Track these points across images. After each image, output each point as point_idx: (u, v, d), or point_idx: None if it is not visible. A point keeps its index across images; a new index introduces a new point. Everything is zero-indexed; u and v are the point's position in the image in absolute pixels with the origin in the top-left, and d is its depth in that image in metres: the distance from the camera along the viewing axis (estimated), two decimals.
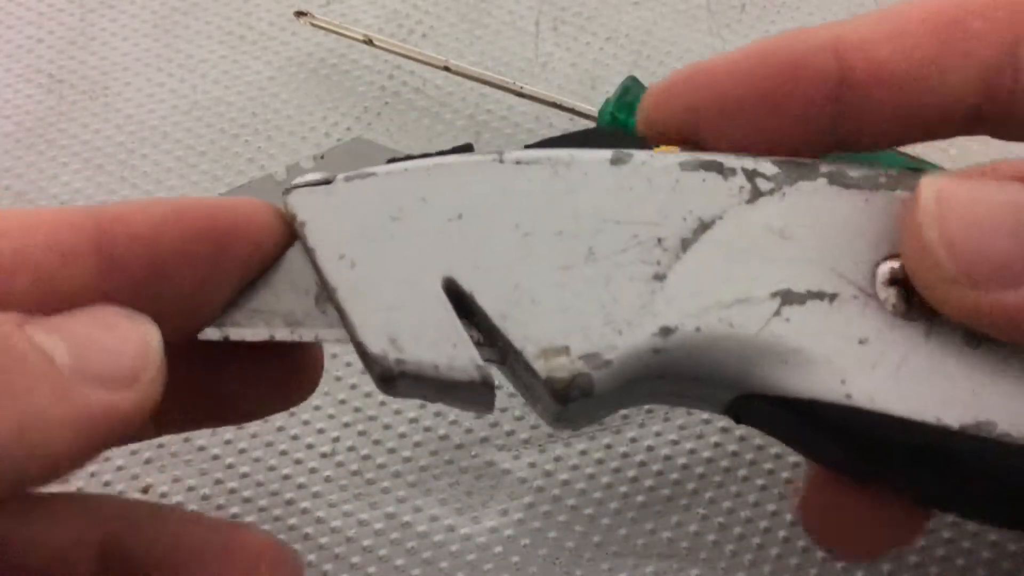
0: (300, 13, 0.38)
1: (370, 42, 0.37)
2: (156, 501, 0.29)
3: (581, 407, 0.21)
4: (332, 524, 0.29)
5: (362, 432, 0.31)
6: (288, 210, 0.22)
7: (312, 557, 0.28)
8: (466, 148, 0.23)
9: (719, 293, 0.21)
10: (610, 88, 0.36)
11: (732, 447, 0.30)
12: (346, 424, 0.31)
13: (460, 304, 0.22)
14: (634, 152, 0.23)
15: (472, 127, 0.37)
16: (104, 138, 0.37)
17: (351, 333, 0.21)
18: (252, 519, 0.29)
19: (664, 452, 0.30)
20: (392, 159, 0.23)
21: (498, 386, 0.22)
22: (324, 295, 0.22)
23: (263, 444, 0.30)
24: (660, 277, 0.22)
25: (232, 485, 0.30)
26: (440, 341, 0.21)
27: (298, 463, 0.30)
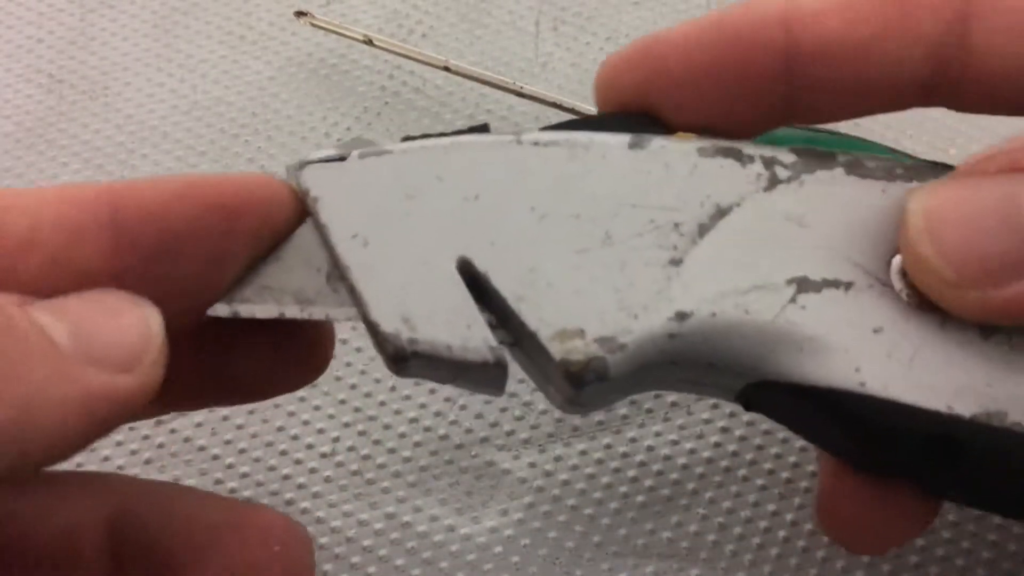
0: (300, 13, 0.38)
1: (370, 42, 0.37)
2: (168, 480, 0.29)
3: (595, 391, 0.21)
4: (332, 524, 0.29)
5: (362, 432, 0.31)
6: (301, 186, 0.22)
7: None
8: (483, 128, 0.23)
9: (735, 279, 0.21)
10: None
11: (732, 447, 0.30)
12: (346, 424, 0.31)
13: (474, 285, 0.21)
14: (652, 137, 0.22)
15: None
16: (104, 138, 0.37)
17: (363, 312, 0.21)
18: None
19: (664, 452, 0.30)
20: (407, 137, 0.23)
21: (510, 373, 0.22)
22: (336, 273, 0.22)
23: (263, 444, 0.30)
24: (676, 262, 0.22)
25: (232, 485, 0.30)
26: (454, 321, 0.21)
27: (298, 463, 0.30)
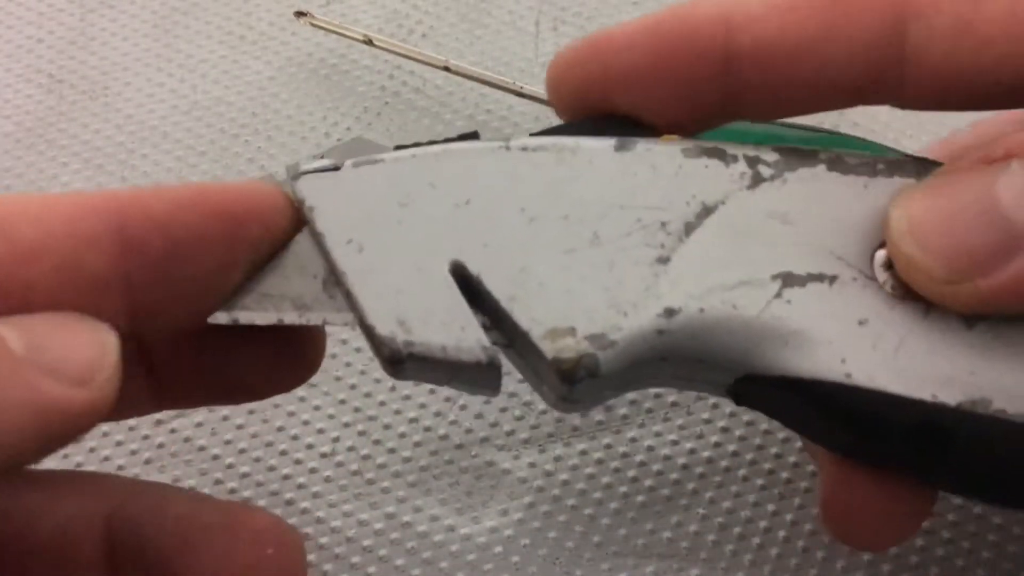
0: (300, 13, 0.38)
1: (370, 42, 0.37)
2: (163, 481, 0.29)
3: (586, 388, 0.22)
4: (332, 524, 0.29)
5: (362, 432, 0.31)
6: (297, 195, 0.22)
7: (312, 557, 0.28)
8: (472, 136, 0.23)
9: (722, 275, 0.22)
10: None
11: (732, 447, 0.30)
12: (346, 424, 0.31)
13: (467, 288, 0.22)
14: (638, 140, 0.23)
15: (472, 127, 0.37)
16: (104, 138, 0.38)
17: (360, 316, 0.22)
18: None
19: (664, 452, 0.30)
20: (399, 145, 0.23)
21: (506, 372, 0.22)
22: (332, 279, 0.22)
23: (263, 444, 0.30)
24: (664, 260, 0.22)
25: (232, 485, 0.30)
26: (448, 323, 0.21)
27: (298, 463, 0.30)
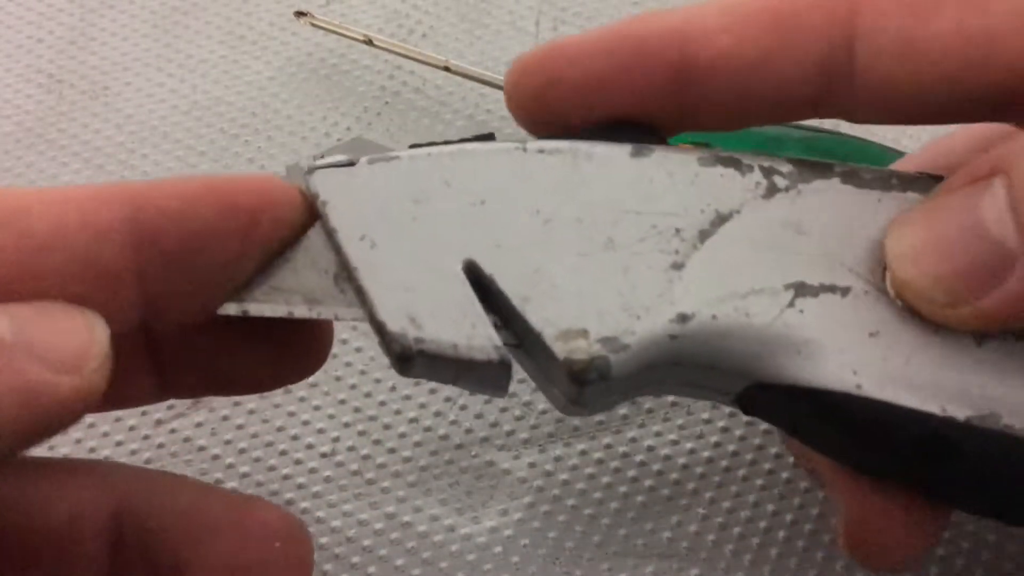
0: (300, 13, 0.38)
1: (370, 42, 0.37)
2: (172, 472, 0.29)
3: (597, 391, 0.22)
4: (332, 524, 0.29)
5: (362, 432, 0.31)
6: (310, 190, 0.22)
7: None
8: (488, 137, 0.23)
9: (735, 283, 0.22)
10: None
11: (732, 447, 0.30)
12: (346, 424, 0.31)
13: (480, 287, 0.22)
14: (655, 146, 0.23)
15: (472, 127, 0.37)
16: (104, 138, 0.37)
17: (370, 312, 0.21)
18: None
19: (664, 452, 0.30)
20: (414, 144, 0.23)
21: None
22: (344, 275, 0.22)
23: (263, 444, 0.30)
24: (678, 266, 0.22)
25: (232, 485, 0.30)
26: (459, 321, 0.21)
27: (298, 463, 0.30)
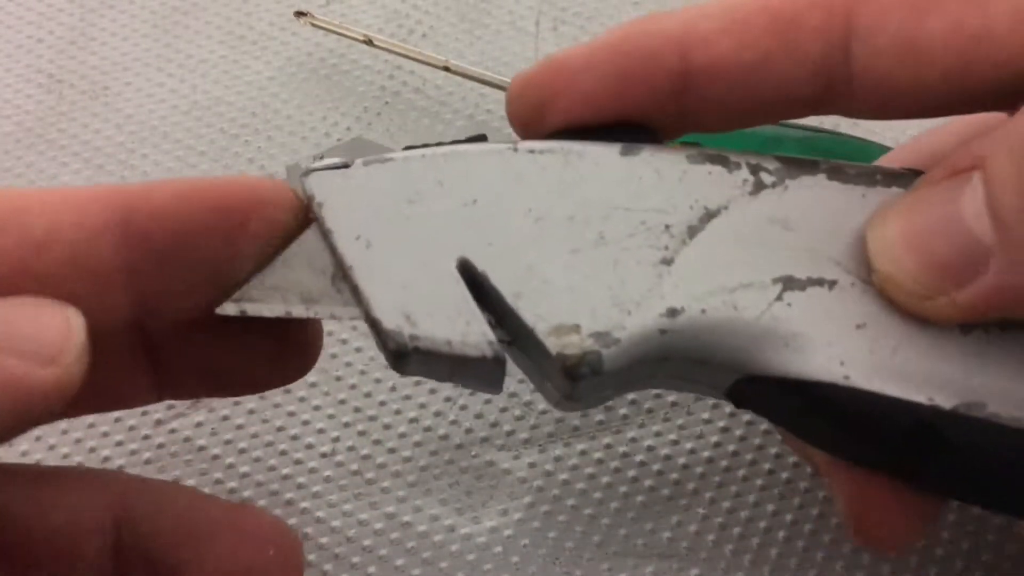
0: (300, 13, 0.38)
1: (370, 42, 0.37)
2: (169, 480, 0.30)
3: (589, 385, 0.22)
4: (332, 524, 0.29)
5: (362, 432, 0.31)
6: (306, 191, 0.23)
7: (312, 557, 0.28)
8: (480, 138, 0.24)
9: (724, 278, 0.22)
10: None
11: (732, 447, 0.30)
12: (346, 424, 0.31)
13: (473, 284, 0.22)
14: (644, 145, 0.23)
15: (472, 127, 0.37)
16: (104, 138, 0.37)
17: (366, 310, 0.22)
18: None
19: (664, 452, 0.30)
20: (408, 146, 0.24)
21: (507, 373, 0.22)
22: (340, 275, 0.22)
23: (263, 444, 0.30)
24: (668, 262, 0.22)
25: (232, 485, 0.30)
26: (453, 318, 0.22)
27: (298, 463, 0.30)
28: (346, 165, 0.23)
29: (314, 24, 0.38)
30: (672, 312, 0.22)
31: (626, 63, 0.23)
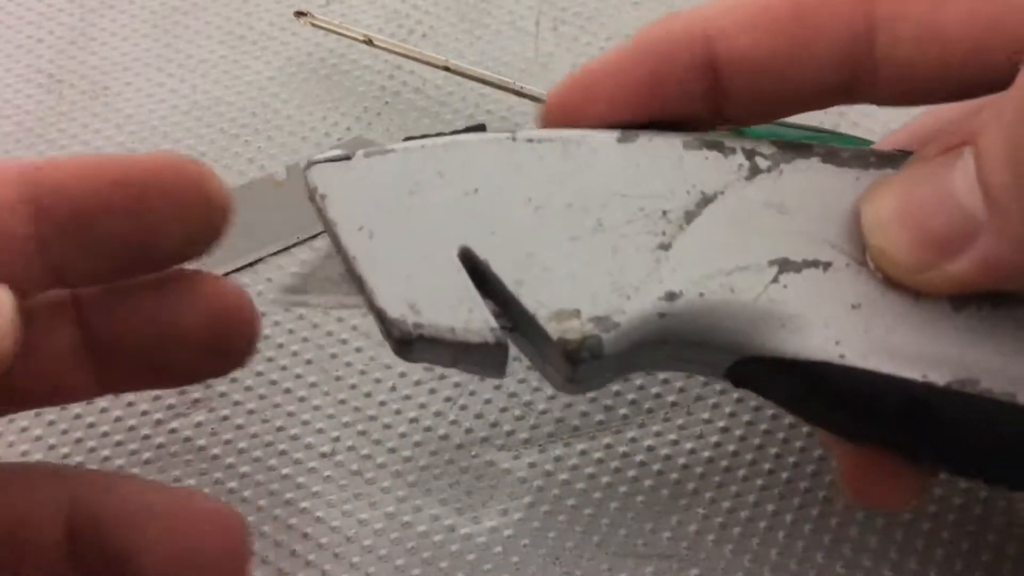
0: (300, 13, 0.38)
1: (370, 42, 0.37)
2: (160, 480, 0.30)
3: (590, 369, 0.22)
4: (332, 523, 0.29)
5: (362, 432, 0.31)
6: (309, 184, 0.23)
7: (312, 556, 0.28)
8: (479, 128, 0.24)
9: (721, 261, 0.23)
10: None
11: (732, 447, 0.30)
12: (346, 424, 0.31)
13: (475, 273, 0.22)
14: (640, 132, 0.24)
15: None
16: (104, 138, 0.37)
17: (370, 300, 0.22)
18: (252, 519, 0.29)
19: (664, 452, 0.30)
20: (408, 137, 0.24)
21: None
22: (345, 266, 0.23)
23: (263, 444, 0.30)
24: (665, 247, 0.23)
25: (232, 485, 0.30)
26: (456, 305, 0.22)
27: (297, 463, 0.30)
28: (347, 157, 0.23)
29: (314, 24, 0.38)
30: (671, 296, 0.22)
31: (653, 64, 0.24)
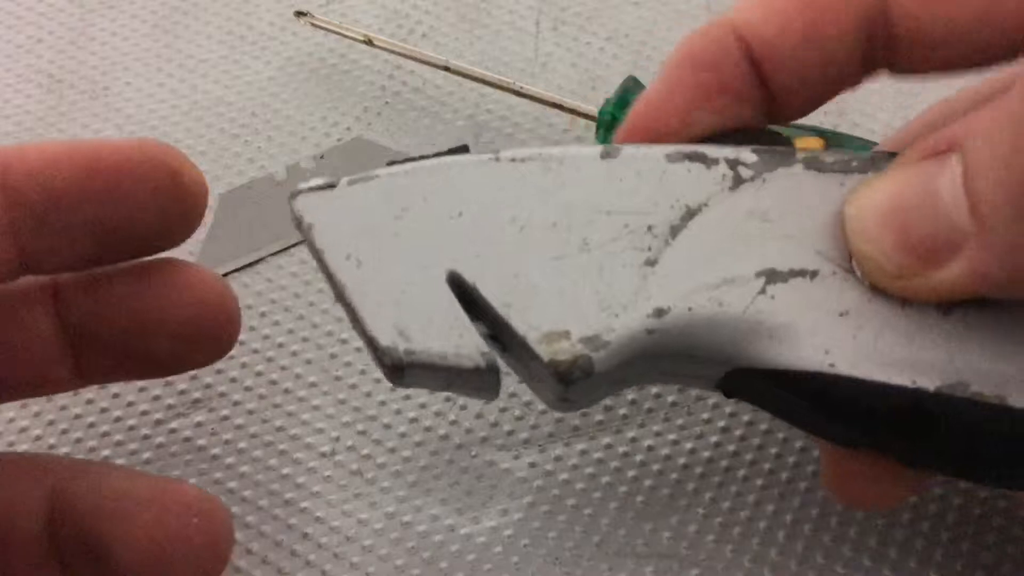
0: (300, 13, 0.38)
1: (370, 42, 0.37)
2: (99, 460, 0.30)
3: (582, 387, 0.22)
4: (332, 523, 0.29)
5: (362, 432, 0.31)
6: (294, 214, 0.23)
7: (312, 556, 0.28)
8: (462, 149, 0.24)
9: (708, 275, 0.23)
10: (610, 88, 0.36)
11: (732, 447, 0.30)
12: (346, 424, 0.31)
13: (464, 296, 0.23)
14: (623, 146, 0.24)
15: (472, 127, 0.37)
16: (104, 138, 0.37)
17: (361, 328, 0.22)
18: (251, 519, 0.29)
19: (664, 452, 0.30)
20: (391, 162, 0.24)
21: (506, 373, 0.22)
22: (335, 294, 0.23)
23: (263, 444, 0.30)
24: (652, 262, 0.23)
25: (232, 485, 0.30)
26: (446, 331, 0.22)
27: (297, 462, 0.30)
28: (332, 185, 0.23)
29: (314, 24, 0.38)
30: (659, 312, 0.22)
31: (703, 78, 0.24)
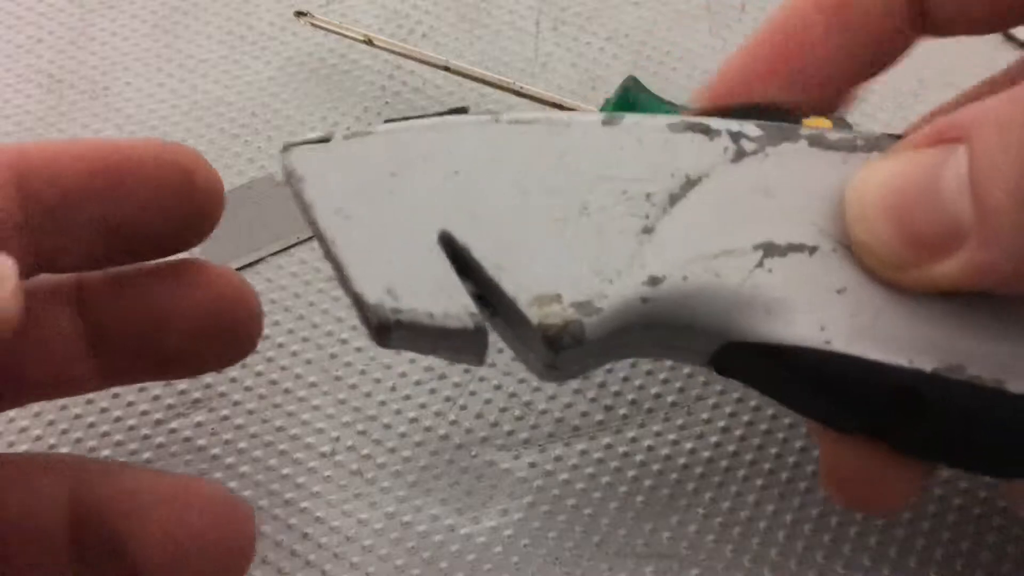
0: (300, 13, 0.38)
1: (370, 42, 0.37)
2: (116, 460, 0.30)
3: (572, 355, 0.22)
4: (331, 523, 0.29)
5: (362, 432, 0.31)
6: (285, 167, 0.23)
7: (312, 556, 0.28)
8: (461, 111, 0.24)
9: (705, 245, 0.22)
10: (610, 88, 0.36)
11: (732, 447, 0.30)
12: (346, 424, 0.31)
13: (455, 257, 0.22)
14: (625, 114, 0.24)
15: None
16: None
17: (348, 284, 0.22)
18: None
19: (664, 452, 0.30)
20: (389, 119, 0.23)
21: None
22: (323, 250, 0.22)
23: (263, 444, 0.30)
24: (649, 230, 0.22)
25: (232, 485, 0.30)
26: (435, 291, 0.22)
27: (297, 462, 0.30)
28: (326, 139, 0.23)
29: (314, 24, 0.38)
30: (654, 280, 0.22)
31: (777, 46, 0.25)
